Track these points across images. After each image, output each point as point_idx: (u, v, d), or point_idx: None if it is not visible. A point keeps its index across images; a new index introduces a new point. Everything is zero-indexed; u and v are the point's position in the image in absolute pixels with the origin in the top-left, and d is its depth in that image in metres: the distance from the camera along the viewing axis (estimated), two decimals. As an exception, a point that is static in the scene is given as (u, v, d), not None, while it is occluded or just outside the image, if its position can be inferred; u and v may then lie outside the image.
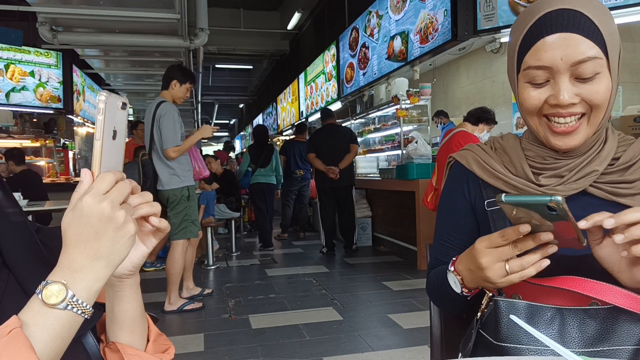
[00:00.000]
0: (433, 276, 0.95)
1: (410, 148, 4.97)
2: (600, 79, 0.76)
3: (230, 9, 10.96)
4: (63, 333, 0.52)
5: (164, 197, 3.40)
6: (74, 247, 0.52)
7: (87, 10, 4.93)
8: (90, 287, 0.53)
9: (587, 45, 0.74)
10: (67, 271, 0.52)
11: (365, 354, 2.60)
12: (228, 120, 26.49)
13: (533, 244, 0.70)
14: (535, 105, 0.80)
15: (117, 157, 0.59)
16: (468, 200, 0.93)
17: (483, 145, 0.96)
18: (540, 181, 0.84)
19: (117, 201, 0.54)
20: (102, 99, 0.55)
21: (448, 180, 0.99)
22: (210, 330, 3.05)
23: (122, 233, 0.54)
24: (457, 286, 0.82)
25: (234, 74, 16.63)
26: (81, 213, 0.53)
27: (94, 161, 0.55)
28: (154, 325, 0.73)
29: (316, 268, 4.87)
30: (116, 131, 0.57)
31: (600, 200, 0.81)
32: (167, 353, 0.71)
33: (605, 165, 0.82)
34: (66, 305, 0.51)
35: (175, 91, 3.47)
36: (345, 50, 7.35)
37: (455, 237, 0.95)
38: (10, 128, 7.28)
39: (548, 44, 0.75)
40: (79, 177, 0.56)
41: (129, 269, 0.63)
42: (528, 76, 0.79)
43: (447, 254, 0.96)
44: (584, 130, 0.79)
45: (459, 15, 4.26)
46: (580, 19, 0.74)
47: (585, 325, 0.71)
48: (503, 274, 0.72)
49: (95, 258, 0.53)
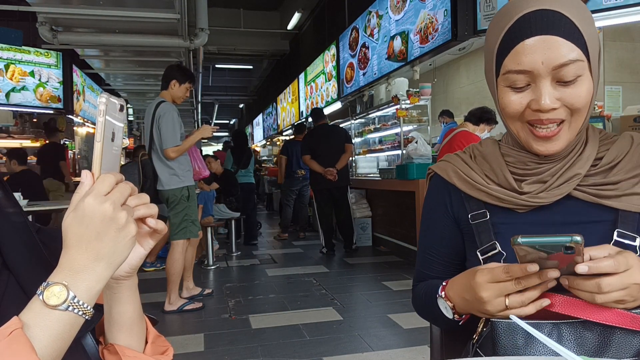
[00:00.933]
0: (420, 293, 0.94)
1: (410, 148, 4.97)
2: (582, 81, 0.74)
3: (230, 9, 10.96)
4: (64, 334, 0.52)
5: (164, 197, 3.40)
6: (75, 248, 0.53)
7: (87, 10, 4.93)
8: (91, 288, 0.53)
9: (568, 48, 0.72)
10: (68, 272, 0.52)
11: (365, 354, 2.60)
12: (228, 120, 26.50)
13: (538, 280, 0.68)
14: (517, 111, 0.78)
15: (116, 159, 0.59)
16: (450, 213, 0.91)
17: (462, 154, 0.93)
18: (523, 188, 0.81)
19: (118, 202, 0.54)
20: (102, 101, 0.56)
21: (429, 193, 0.97)
22: (210, 330, 3.05)
23: (123, 234, 0.54)
24: (449, 312, 0.81)
25: (234, 74, 16.64)
26: (83, 214, 0.53)
27: (95, 163, 0.56)
28: (153, 327, 0.73)
29: (316, 268, 4.87)
30: (115, 133, 0.58)
31: (585, 203, 0.80)
32: (165, 355, 0.71)
33: (588, 167, 0.80)
34: (67, 306, 0.51)
35: (175, 91, 3.46)
36: (345, 50, 7.35)
37: (439, 249, 0.94)
38: (10, 128, 7.29)
39: (528, 47, 0.73)
40: (79, 177, 0.56)
41: (127, 271, 0.63)
42: (508, 80, 0.77)
43: (432, 268, 0.96)
44: (565, 134, 0.77)
45: (459, 15, 4.26)
46: (560, 20, 0.72)
47: (582, 339, 0.70)
48: (502, 308, 0.71)
49: (96, 259, 0.53)
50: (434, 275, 0.95)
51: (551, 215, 0.81)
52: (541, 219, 0.82)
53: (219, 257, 5.52)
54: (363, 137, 7.37)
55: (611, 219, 0.79)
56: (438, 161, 0.97)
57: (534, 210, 0.82)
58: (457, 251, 0.93)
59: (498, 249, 0.82)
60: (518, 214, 0.83)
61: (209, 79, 16.15)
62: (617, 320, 0.67)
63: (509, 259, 0.80)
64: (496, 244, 0.83)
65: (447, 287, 0.82)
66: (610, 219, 0.79)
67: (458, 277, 0.81)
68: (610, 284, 0.65)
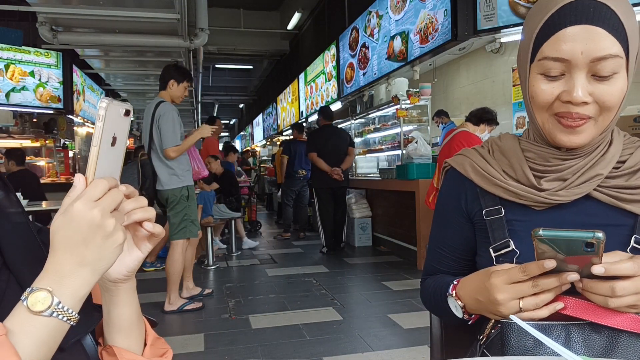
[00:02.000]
0: (430, 288, 0.93)
1: (410, 148, 4.98)
2: (617, 79, 0.72)
3: (230, 9, 10.96)
4: (49, 340, 0.52)
5: (164, 197, 3.40)
6: (61, 252, 0.52)
7: (87, 10, 4.93)
8: (76, 293, 0.52)
9: (610, 42, 0.69)
10: (53, 277, 0.52)
11: (365, 354, 2.60)
12: (228, 120, 26.49)
13: (556, 282, 0.67)
14: (547, 101, 0.75)
15: (115, 164, 0.58)
16: (464, 208, 0.90)
17: (480, 149, 0.92)
18: (542, 185, 0.80)
19: (108, 209, 0.54)
20: (102, 105, 0.55)
21: (444, 187, 0.96)
22: (210, 330, 3.05)
23: (110, 241, 0.53)
24: (459, 311, 0.80)
25: (234, 74, 16.64)
26: (71, 218, 0.52)
27: (89, 167, 0.55)
28: (152, 329, 0.72)
29: (316, 268, 4.87)
30: (116, 137, 0.57)
31: (604, 205, 0.78)
32: (164, 357, 0.71)
33: (610, 168, 0.78)
34: (52, 312, 0.51)
35: (173, 91, 3.46)
36: (345, 50, 7.35)
37: (452, 245, 0.93)
38: (10, 128, 7.28)
39: (569, 35, 0.70)
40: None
41: (124, 274, 0.63)
42: (543, 67, 0.74)
43: (442, 262, 0.95)
44: (590, 129, 0.75)
45: (459, 15, 4.25)
46: (606, 13, 0.69)
47: (590, 340, 0.69)
48: (516, 310, 0.69)
49: (81, 265, 0.52)
50: (444, 270, 0.95)
51: (569, 215, 0.80)
52: (558, 219, 0.80)
53: (219, 257, 5.52)
54: (363, 137, 7.37)
55: (630, 224, 0.77)
56: (453, 156, 0.95)
57: (551, 208, 0.80)
58: (469, 247, 0.91)
59: (512, 247, 0.80)
60: (534, 211, 0.81)
61: (209, 79, 16.15)
62: (628, 325, 0.67)
63: (522, 257, 0.79)
64: (510, 241, 0.81)
65: (458, 286, 0.81)
66: (630, 223, 0.77)
67: (470, 277, 0.79)
68: (624, 288, 0.64)
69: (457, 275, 0.88)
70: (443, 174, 0.97)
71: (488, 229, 0.84)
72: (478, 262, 0.89)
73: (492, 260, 0.82)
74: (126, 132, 0.59)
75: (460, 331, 0.88)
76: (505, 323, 0.71)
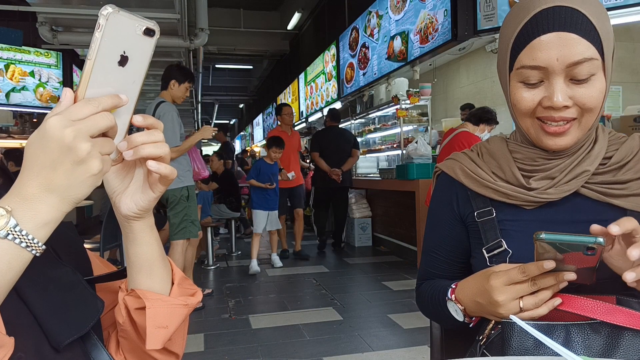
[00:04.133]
0: (426, 294, 0.93)
1: (410, 148, 4.97)
2: (595, 80, 0.74)
3: (230, 9, 10.95)
4: (3, 266, 0.46)
5: (164, 197, 3.40)
6: (28, 171, 0.47)
7: (87, 10, 4.94)
8: (37, 218, 0.47)
9: (584, 46, 0.71)
10: (15, 198, 0.47)
11: (365, 354, 2.60)
12: (228, 120, 26.48)
13: (554, 281, 0.68)
14: (529, 107, 0.78)
15: (124, 87, 0.51)
16: (457, 211, 0.91)
17: (469, 152, 0.93)
18: (531, 184, 0.81)
19: (85, 131, 0.47)
20: (103, 13, 0.47)
21: (435, 191, 0.97)
22: (210, 330, 3.05)
23: (81, 169, 0.47)
24: (459, 315, 0.81)
25: (234, 74, 16.64)
26: (43, 134, 0.47)
27: (81, 83, 0.48)
28: (178, 269, 0.71)
29: (316, 268, 4.87)
30: (127, 57, 0.49)
31: (592, 202, 0.80)
32: (194, 297, 0.69)
33: (596, 165, 0.80)
34: (6, 233, 0.46)
35: (174, 91, 3.47)
36: (345, 50, 7.35)
37: (445, 248, 0.93)
38: (10, 128, 7.28)
39: (544, 43, 0.72)
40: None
41: (134, 211, 0.59)
42: (521, 76, 0.76)
43: (437, 266, 0.95)
44: (575, 131, 0.77)
45: (459, 15, 4.25)
46: (577, 18, 0.72)
47: (590, 341, 0.69)
48: (517, 310, 0.70)
49: (47, 189, 0.47)
50: (439, 274, 0.95)
51: (558, 213, 0.81)
52: (548, 217, 0.81)
53: (219, 257, 5.52)
54: (363, 137, 7.38)
55: (619, 219, 0.78)
56: (444, 160, 0.97)
57: (541, 207, 0.81)
58: (463, 250, 0.92)
59: (504, 247, 0.82)
60: (525, 211, 0.82)
61: (209, 79, 16.14)
62: (627, 321, 0.67)
63: (515, 256, 0.80)
64: (502, 241, 0.82)
65: (456, 289, 0.81)
66: (618, 218, 0.78)
67: (469, 280, 0.80)
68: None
69: (452, 279, 0.89)
70: (434, 178, 0.98)
71: (480, 230, 0.85)
72: (473, 264, 0.90)
73: (486, 261, 0.83)
74: (147, 54, 0.51)
75: (460, 332, 0.88)
76: (505, 323, 0.72)
